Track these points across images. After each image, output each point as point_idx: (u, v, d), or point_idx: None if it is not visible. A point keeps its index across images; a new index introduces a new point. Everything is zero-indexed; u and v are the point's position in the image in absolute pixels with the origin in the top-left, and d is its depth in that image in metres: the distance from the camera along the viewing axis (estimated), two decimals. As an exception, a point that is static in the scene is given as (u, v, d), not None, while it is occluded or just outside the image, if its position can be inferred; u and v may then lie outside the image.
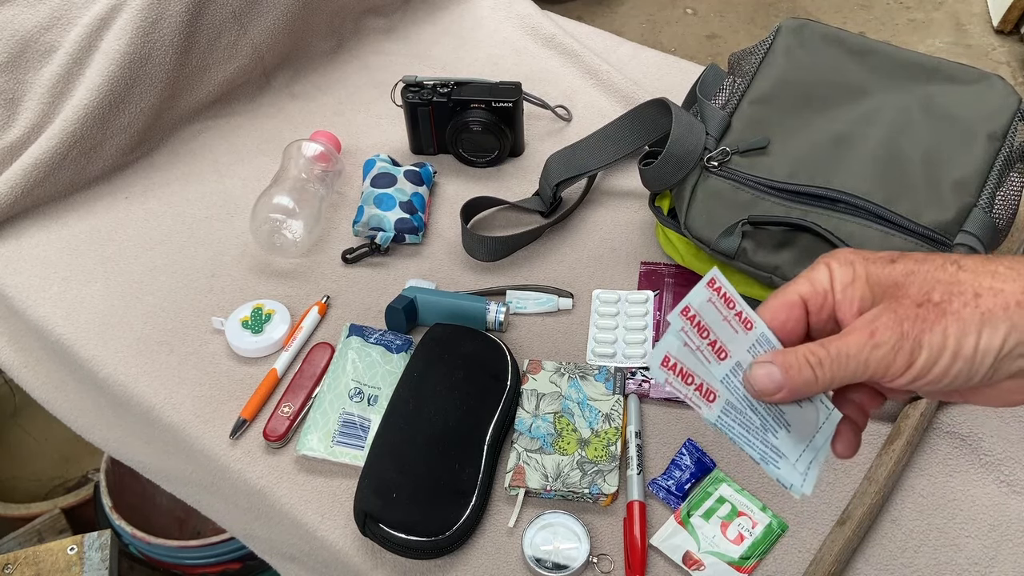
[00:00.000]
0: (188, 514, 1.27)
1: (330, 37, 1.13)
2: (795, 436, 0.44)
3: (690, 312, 0.42)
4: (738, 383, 0.43)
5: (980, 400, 0.43)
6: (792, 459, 0.44)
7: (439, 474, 0.67)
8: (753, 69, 0.83)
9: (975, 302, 0.38)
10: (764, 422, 0.44)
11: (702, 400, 0.43)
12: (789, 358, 0.41)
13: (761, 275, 0.75)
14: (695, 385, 0.42)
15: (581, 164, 0.89)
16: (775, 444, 0.44)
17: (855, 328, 0.40)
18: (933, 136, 0.76)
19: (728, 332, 0.42)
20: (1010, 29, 2.36)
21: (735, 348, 0.43)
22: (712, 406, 0.43)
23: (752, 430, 0.43)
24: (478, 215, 0.92)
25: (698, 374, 0.42)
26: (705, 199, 0.77)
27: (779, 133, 0.78)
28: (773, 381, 0.41)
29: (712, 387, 0.43)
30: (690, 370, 0.42)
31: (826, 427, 0.45)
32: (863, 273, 0.41)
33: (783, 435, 0.44)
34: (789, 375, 0.41)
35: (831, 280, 0.42)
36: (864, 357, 0.39)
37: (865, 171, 0.74)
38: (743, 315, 0.43)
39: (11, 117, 0.93)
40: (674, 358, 0.42)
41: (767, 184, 0.75)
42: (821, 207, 0.73)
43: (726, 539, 0.66)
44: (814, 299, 0.43)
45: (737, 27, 2.46)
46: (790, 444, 0.44)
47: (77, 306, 0.84)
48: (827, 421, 0.45)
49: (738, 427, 0.43)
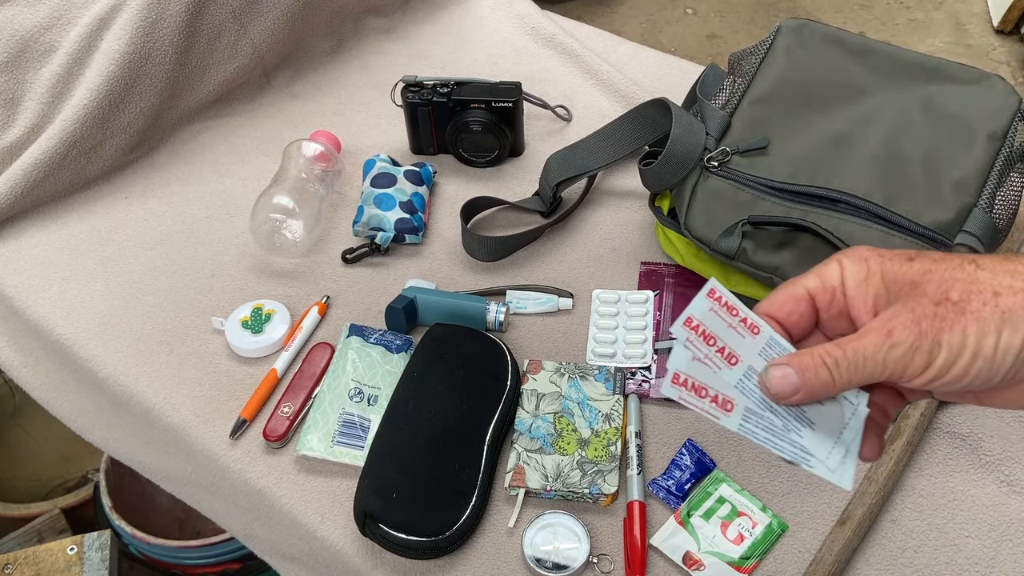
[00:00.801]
0: (188, 514, 1.27)
1: (330, 37, 1.13)
2: (821, 433, 0.44)
3: (693, 322, 0.41)
4: (753, 387, 0.43)
5: (998, 402, 0.42)
6: (822, 456, 0.44)
7: (439, 474, 0.67)
8: (753, 69, 0.83)
9: (994, 301, 0.37)
10: (786, 423, 0.43)
11: (720, 411, 0.42)
12: (805, 360, 0.41)
13: (761, 275, 0.75)
14: (710, 397, 0.42)
15: (581, 164, 0.89)
16: (802, 443, 0.43)
17: (872, 328, 0.40)
18: (933, 136, 0.76)
19: (735, 338, 0.42)
20: (1010, 29, 2.37)
21: (745, 353, 0.42)
22: (731, 415, 0.42)
23: (776, 432, 0.43)
24: (478, 215, 0.92)
25: (711, 385, 0.42)
26: (705, 199, 0.77)
27: (779, 133, 0.78)
28: (789, 383, 0.41)
29: (727, 396, 0.42)
30: (702, 383, 0.42)
31: (853, 422, 0.44)
32: (878, 270, 0.41)
33: (808, 433, 0.44)
34: (805, 377, 0.40)
35: (842, 276, 0.42)
36: (882, 357, 0.39)
37: (865, 171, 0.74)
38: (748, 321, 0.42)
39: (11, 117, 0.93)
40: (684, 374, 0.42)
41: (767, 184, 0.75)
42: (821, 207, 0.73)
43: (726, 539, 0.66)
44: (822, 295, 0.42)
45: (737, 27, 2.46)
46: (817, 442, 0.44)
47: (77, 306, 0.84)
48: (854, 416, 0.44)
49: (762, 432, 0.43)
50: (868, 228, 0.72)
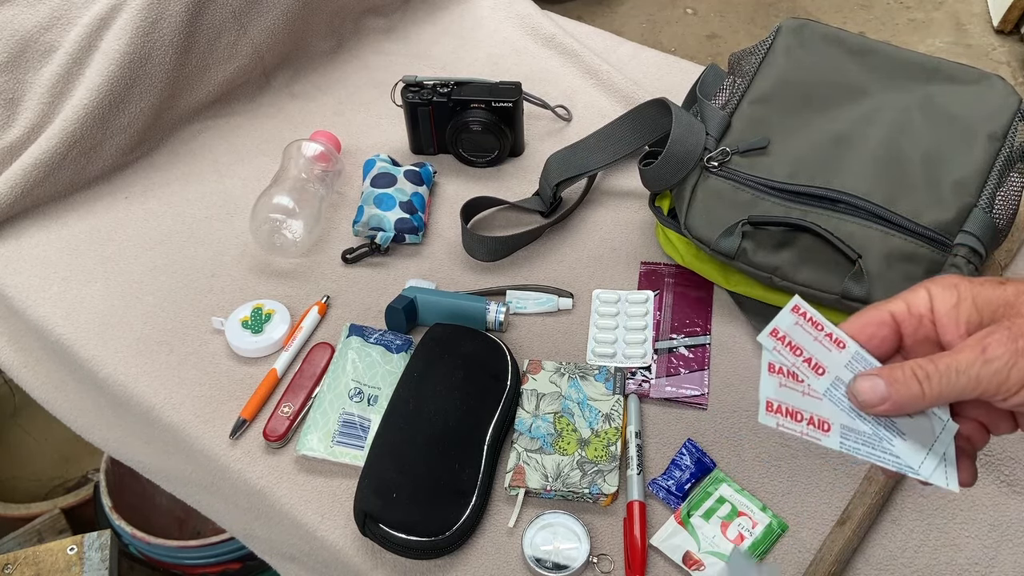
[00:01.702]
0: (188, 514, 1.27)
1: (330, 37, 1.13)
2: (911, 444, 0.44)
3: (779, 333, 0.42)
4: (841, 395, 0.43)
5: None
6: (915, 466, 0.43)
7: (439, 474, 0.67)
8: (753, 69, 0.83)
9: None
10: (876, 430, 0.43)
11: (818, 432, 0.42)
12: (895, 372, 0.41)
13: (761, 275, 0.75)
14: (806, 420, 0.42)
15: (581, 164, 0.89)
16: (894, 452, 0.43)
17: (967, 345, 0.40)
18: (933, 136, 0.76)
19: (821, 351, 0.42)
20: (1010, 29, 2.36)
21: (831, 364, 0.43)
22: (830, 435, 0.42)
23: (873, 443, 0.43)
24: (478, 215, 0.92)
25: (804, 408, 0.42)
26: (705, 199, 0.77)
27: (779, 133, 0.78)
28: (877, 393, 0.41)
29: (822, 416, 0.42)
30: (795, 407, 0.42)
31: (944, 436, 0.44)
32: (969, 295, 0.41)
33: (899, 443, 0.44)
34: (895, 387, 0.40)
35: (930, 303, 0.42)
36: (975, 372, 0.39)
37: (865, 171, 0.74)
38: (833, 336, 0.43)
39: (11, 117, 0.93)
40: (776, 400, 0.42)
41: (767, 184, 0.75)
42: (821, 207, 0.73)
43: (726, 539, 0.66)
44: (908, 321, 0.42)
45: (737, 27, 2.46)
46: (908, 452, 0.43)
47: (77, 306, 0.84)
48: (944, 431, 0.44)
49: (863, 447, 0.43)
50: (868, 228, 0.72)
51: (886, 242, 0.71)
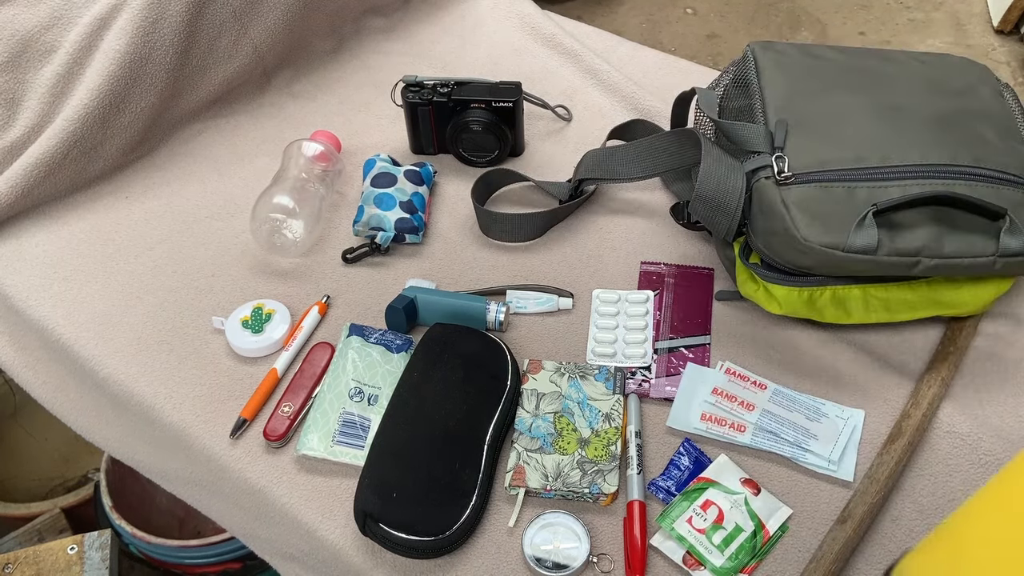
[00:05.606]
0: (188, 514, 1.27)
1: (330, 37, 1.13)
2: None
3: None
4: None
5: None
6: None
7: (439, 474, 0.67)
8: (756, 87, 0.80)
9: None
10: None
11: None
12: None
13: (905, 262, 0.69)
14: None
15: (611, 170, 0.88)
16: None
17: None
18: (949, 99, 0.78)
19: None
20: (1010, 29, 2.37)
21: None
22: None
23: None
24: (494, 193, 0.91)
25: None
26: (803, 207, 0.70)
27: (822, 125, 0.75)
28: None
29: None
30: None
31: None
32: None
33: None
34: None
35: None
36: None
37: (923, 138, 0.74)
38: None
39: (11, 117, 0.93)
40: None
41: (848, 175, 0.72)
42: (923, 177, 0.71)
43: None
44: None
45: (737, 27, 2.46)
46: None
47: (77, 306, 0.84)
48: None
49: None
50: (978, 187, 0.71)
51: (1003, 196, 0.71)
